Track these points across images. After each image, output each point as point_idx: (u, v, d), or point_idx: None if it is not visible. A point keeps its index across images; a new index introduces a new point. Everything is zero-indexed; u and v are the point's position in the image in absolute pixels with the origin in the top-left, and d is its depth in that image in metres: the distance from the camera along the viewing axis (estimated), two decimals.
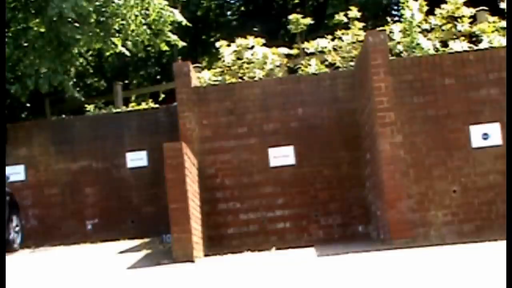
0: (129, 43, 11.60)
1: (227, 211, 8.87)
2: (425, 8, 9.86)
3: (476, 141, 8.10)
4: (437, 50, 9.45)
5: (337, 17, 10.68)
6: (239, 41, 10.45)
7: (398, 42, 9.70)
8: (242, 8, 20.69)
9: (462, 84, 8.20)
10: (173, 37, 11.91)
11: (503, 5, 10.06)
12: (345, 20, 10.47)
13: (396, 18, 12.80)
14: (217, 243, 8.57)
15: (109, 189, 10.80)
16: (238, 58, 10.33)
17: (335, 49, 10.16)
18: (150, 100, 13.52)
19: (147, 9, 11.45)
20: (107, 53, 12.03)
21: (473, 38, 9.69)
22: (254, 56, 10.20)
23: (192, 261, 7.03)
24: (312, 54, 10.48)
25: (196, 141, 8.88)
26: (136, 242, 9.56)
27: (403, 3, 9.81)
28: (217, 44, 10.75)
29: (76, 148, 10.90)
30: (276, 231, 8.87)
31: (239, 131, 9.05)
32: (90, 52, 14.20)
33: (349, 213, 8.89)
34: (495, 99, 8.13)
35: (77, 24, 10.76)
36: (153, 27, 11.64)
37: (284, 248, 8.17)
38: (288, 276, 5.46)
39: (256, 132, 9.05)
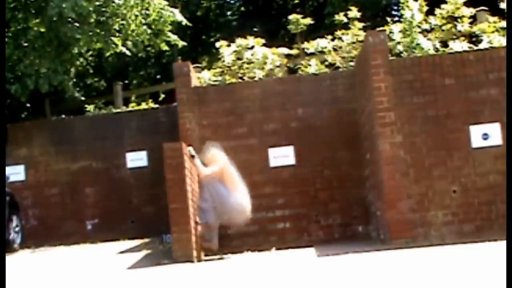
0: (129, 43, 11.61)
1: None
2: (425, 8, 9.86)
3: (476, 141, 8.09)
4: (437, 50, 9.45)
5: (337, 17, 10.67)
6: (239, 41, 10.45)
7: (398, 42, 9.70)
8: (242, 8, 20.69)
9: (462, 84, 8.20)
10: (173, 37, 11.92)
11: (503, 5, 10.05)
12: (345, 20, 10.47)
13: (396, 18, 12.81)
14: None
15: (109, 189, 10.81)
16: (238, 58, 10.33)
17: (335, 49, 10.16)
18: (150, 100, 13.53)
19: (147, 9, 11.46)
20: (107, 53, 12.04)
21: (473, 38, 9.69)
22: (254, 56, 10.20)
23: (192, 261, 7.04)
24: (312, 54, 10.47)
25: (196, 141, 8.87)
26: (136, 242, 9.56)
27: (403, 3, 9.81)
28: (217, 44, 10.75)
29: (76, 148, 10.90)
30: (276, 231, 8.87)
31: (239, 131, 9.05)
32: (90, 52, 14.21)
33: (349, 213, 8.89)
34: (495, 99, 8.13)
35: (77, 24, 10.77)
36: (153, 27, 11.65)
37: (284, 248, 8.18)
38: (288, 276, 5.46)
39: (256, 132, 9.05)
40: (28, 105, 12.94)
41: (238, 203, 7.50)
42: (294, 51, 10.93)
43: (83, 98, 13.61)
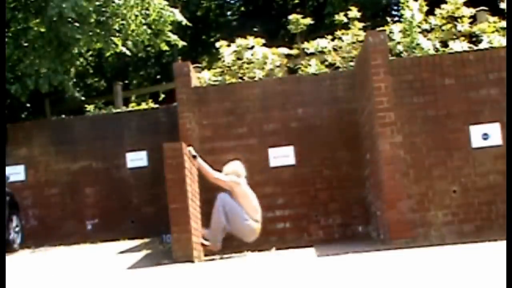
0: (129, 43, 11.61)
1: None
2: (425, 8, 9.86)
3: (476, 141, 8.09)
4: (437, 50, 9.45)
5: (337, 17, 10.68)
6: (239, 41, 10.45)
7: (398, 42, 9.70)
8: (242, 8, 20.69)
9: (462, 84, 8.20)
10: (173, 37, 11.92)
11: (503, 5, 10.06)
12: (345, 20, 10.47)
13: (396, 18, 12.80)
14: None
15: (109, 189, 10.81)
16: (238, 58, 10.33)
17: (335, 49, 10.16)
18: (150, 100, 13.53)
19: (147, 9, 11.46)
20: (107, 53, 12.04)
21: (473, 38, 9.69)
22: (254, 56, 10.20)
23: (192, 261, 7.03)
24: (312, 54, 10.48)
25: (196, 141, 8.87)
26: (136, 242, 9.56)
27: (403, 3, 9.81)
28: (217, 44, 10.75)
29: (76, 148, 10.90)
30: (276, 231, 8.87)
31: (239, 131, 9.05)
32: (90, 52, 14.21)
33: (349, 213, 8.88)
34: (495, 99, 8.13)
35: (77, 24, 10.77)
36: (153, 27, 11.65)
37: (284, 248, 8.17)
38: (288, 276, 5.46)
39: (256, 132, 9.05)
40: (28, 105, 12.94)
41: (249, 224, 7.57)
42: (294, 51, 10.93)
43: (83, 98, 13.61)
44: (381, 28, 9.66)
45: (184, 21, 12.09)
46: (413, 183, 7.97)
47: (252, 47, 10.34)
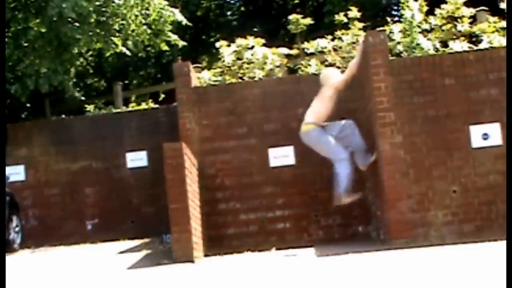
0: (129, 43, 11.61)
1: (227, 211, 8.87)
2: (425, 8, 9.86)
3: (476, 141, 8.09)
4: (437, 50, 9.45)
5: (337, 17, 10.68)
6: (239, 41, 10.45)
7: (398, 42, 9.71)
8: (242, 8, 20.70)
9: (462, 84, 8.19)
10: (173, 37, 11.92)
11: (503, 5, 10.06)
12: (345, 20, 10.48)
13: (396, 18, 12.81)
14: (217, 243, 8.56)
15: (109, 189, 10.81)
16: (238, 58, 10.33)
17: (335, 49, 10.16)
18: (150, 100, 13.53)
19: (147, 9, 11.47)
20: (107, 53, 12.05)
21: (473, 38, 9.70)
22: (254, 56, 10.20)
23: (192, 261, 7.03)
24: (312, 54, 10.47)
25: (196, 142, 8.87)
26: (136, 242, 9.57)
27: (403, 3, 9.82)
28: (217, 44, 10.74)
29: (76, 148, 10.90)
30: (276, 231, 8.87)
31: (239, 131, 9.04)
32: (90, 52, 14.22)
33: (349, 213, 8.87)
34: (495, 99, 8.12)
35: (77, 24, 10.77)
36: (153, 27, 11.65)
37: (284, 248, 8.17)
38: (288, 276, 5.46)
39: (256, 132, 9.05)
40: (28, 105, 12.94)
41: None
42: (294, 51, 10.93)
43: (83, 98, 13.63)
44: (381, 28, 9.67)
45: (184, 21, 12.09)
46: (413, 183, 7.97)
47: (252, 47, 10.34)
